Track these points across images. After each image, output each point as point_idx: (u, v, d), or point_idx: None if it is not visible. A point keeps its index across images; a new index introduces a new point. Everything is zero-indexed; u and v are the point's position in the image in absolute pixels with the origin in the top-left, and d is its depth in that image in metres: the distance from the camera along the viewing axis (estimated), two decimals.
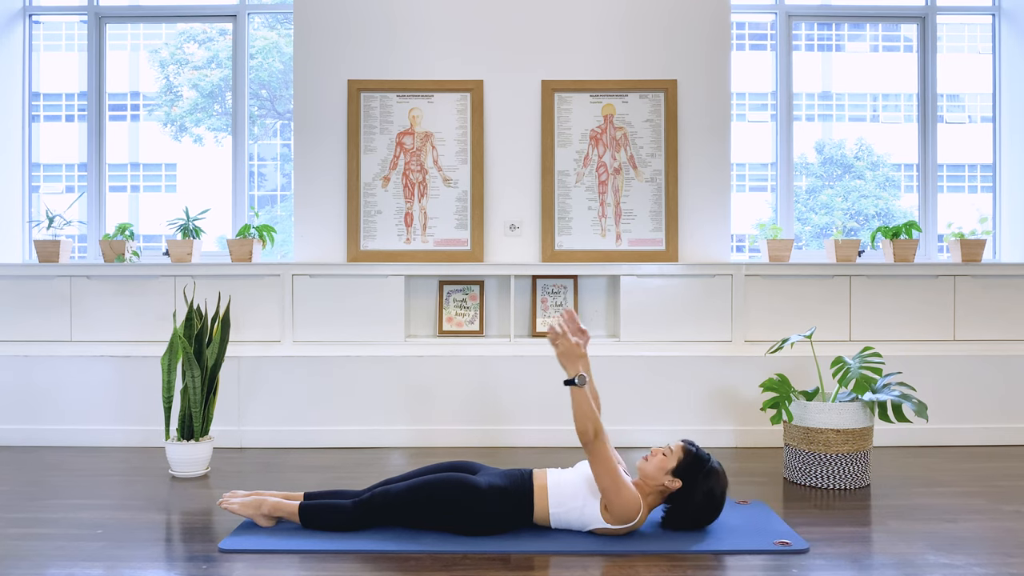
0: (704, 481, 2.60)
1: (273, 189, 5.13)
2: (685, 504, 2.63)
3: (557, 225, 4.39)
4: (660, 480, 2.61)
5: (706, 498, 2.62)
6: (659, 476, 2.61)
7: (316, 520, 2.69)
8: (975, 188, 4.99)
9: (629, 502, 2.55)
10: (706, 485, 2.60)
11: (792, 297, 4.29)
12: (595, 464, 2.55)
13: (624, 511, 2.56)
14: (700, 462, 2.62)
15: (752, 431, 4.08)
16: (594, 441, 2.53)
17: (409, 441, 4.07)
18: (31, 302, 4.26)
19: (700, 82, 4.42)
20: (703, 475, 2.60)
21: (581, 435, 2.54)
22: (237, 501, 2.75)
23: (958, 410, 4.12)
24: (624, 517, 2.57)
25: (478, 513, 2.60)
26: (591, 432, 2.53)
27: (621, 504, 2.55)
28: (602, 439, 2.54)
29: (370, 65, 4.42)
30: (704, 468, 2.61)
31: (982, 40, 4.91)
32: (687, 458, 2.62)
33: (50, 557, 2.49)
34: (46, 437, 4.08)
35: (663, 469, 2.61)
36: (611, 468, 2.53)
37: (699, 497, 2.61)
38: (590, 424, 2.53)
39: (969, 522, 2.84)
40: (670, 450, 2.65)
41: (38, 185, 4.89)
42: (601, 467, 2.54)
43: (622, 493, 2.55)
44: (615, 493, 2.54)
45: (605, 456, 2.53)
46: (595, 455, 2.54)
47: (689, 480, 2.60)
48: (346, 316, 4.23)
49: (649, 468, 2.63)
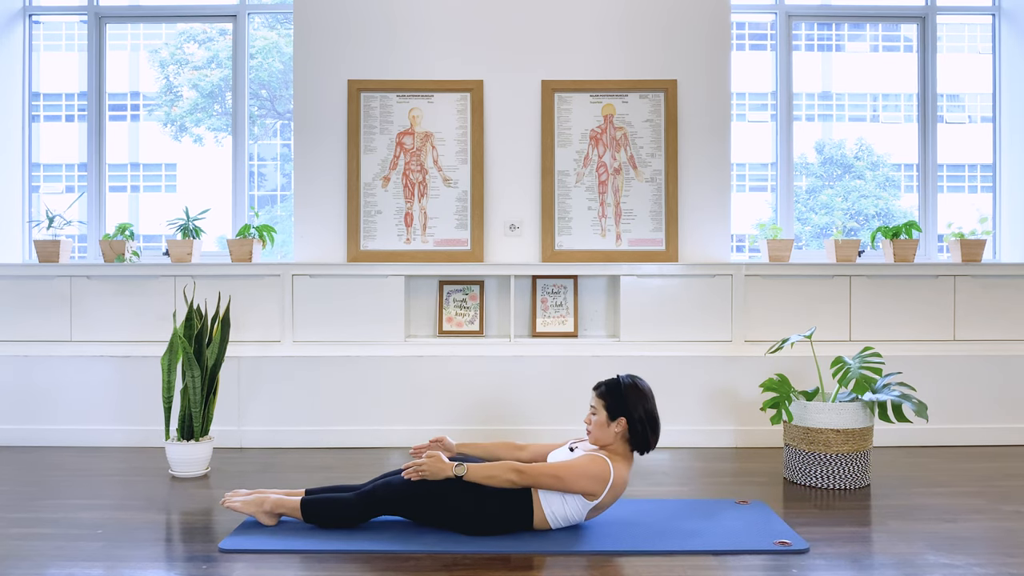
0: (636, 404, 2.65)
1: (273, 189, 5.13)
2: (640, 432, 2.66)
3: (557, 225, 4.39)
4: (609, 434, 2.66)
5: (647, 414, 2.67)
6: (606, 433, 2.67)
7: (318, 514, 2.69)
8: (975, 188, 4.98)
9: (587, 472, 2.57)
10: (640, 406, 2.65)
11: (792, 297, 4.29)
12: (540, 487, 2.59)
13: (592, 482, 2.57)
14: (619, 393, 2.67)
15: (752, 431, 4.08)
16: (522, 480, 2.58)
17: (409, 441, 4.06)
18: (31, 302, 4.26)
19: (700, 82, 4.42)
20: (631, 400, 2.65)
21: (511, 486, 2.59)
22: (239, 500, 2.76)
23: (958, 410, 4.12)
24: (597, 484, 2.58)
25: (479, 511, 2.61)
26: (514, 480, 2.58)
27: (584, 480, 2.57)
28: (525, 472, 2.58)
29: (370, 65, 4.42)
30: (626, 394, 2.66)
31: (982, 40, 4.91)
32: (608, 399, 2.67)
33: (50, 557, 2.49)
34: (46, 437, 4.08)
35: (603, 425, 2.67)
36: (550, 474, 2.57)
37: (643, 417, 2.66)
38: (506, 479, 2.58)
39: (969, 522, 2.84)
40: (592, 408, 2.70)
41: (38, 185, 4.89)
42: (543, 482, 2.58)
43: (574, 474, 2.57)
44: (570, 481, 2.57)
45: (538, 475, 2.57)
46: (533, 484, 2.59)
47: (626, 413, 2.65)
48: (346, 316, 4.23)
49: (595, 435, 2.69)
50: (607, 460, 2.60)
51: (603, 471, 2.58)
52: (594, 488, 2.58)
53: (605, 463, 2.59)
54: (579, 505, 2.62)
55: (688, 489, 3.33)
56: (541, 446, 2.90)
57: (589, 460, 2.60)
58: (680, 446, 4.06)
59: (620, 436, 2.67)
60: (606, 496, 2.61)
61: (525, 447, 2.89)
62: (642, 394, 2.68)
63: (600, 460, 2.60)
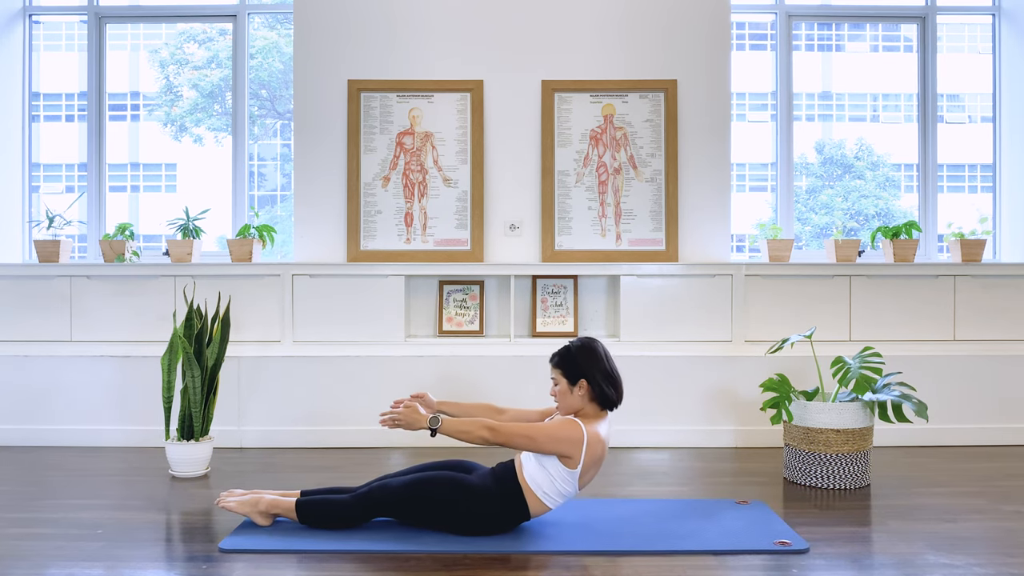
0: (591, 364, 2.67)
1: (273, 189, 5.13)
2: (602, 389, 2.67)
3: (557, 225, 4.39)
4: (575, 399, 2.68)
5: (606, 377, 2.68)
6: (571, 400, 2.69)
7: (313, 516, 2.69)
8: (975, 188, 4.98)
9: (559, 435, 2.58)
10: (595, 365, 2.67)
11: (792, 297, 4.29)
12: (512, 446, 2.61)
13: (565, 444, 2.58)
14: (573, 358, 2.69)
15: (752, 431, 4.08)
16: (494, 438, 2.60)
17: (409, 441, 4.07)
18: (31, 302, 4.26)
19: (700, 82, 4.42)
20: (586, 362, 2.67)
21: (484, 444, 2.62)
22: (234, 500, 2.76)
23: (958, 410, 4.12)
24: (571, 446, 2.58)
25: (475, 514, 2.61)
26: (487, 438, 2.60)
27: (555, 442, 2.58)
28: (498, 430, 2.60)
29: (370, 65, 4.42)
30: (579, 357, 2.68)
31: (982, 40, 4.91)
32: (564, 367, 2.69)
33: (50, 557, 2.49)
34: (46, 437, 4.08)
35: (566, 393, 2.69)
36: (522, 434, 2.59)
37: (602, 378, 2.67)
38: (479, 436, 2.60)
39: (969, 522, 2.84)
40: (553, 380, 2.72)
41: (38, 185, 4.89)
42: (517, 442, 2.60)
43: (546, 435, 2.58)
44: (543, 442, 2.58)
45: (511, 434, 2.59)
46: (505, 443, 2.60)
47: (584, 374, 2.67)
48: (346, 316, 4.23)
49: (563, 405, 2.71)
50: (579, 422, 2.62)
51: (575, 433, 2.59)
52: (569, 450, 2.59)
53: (576, 424, 2.61)
54: (565, 475, 2.61)
55: (688, 489, 3.33)
56: (521, 411, 2.91)
57: (561, 423, 2.62)
58: (680, 446, 4.06)
59: (585, 398, 2.68)
60: (586, 457, 2.60)
61: (505, 411, 2.90)
62: (594, 353, 2.70)
63: (571, 422, 2.62)
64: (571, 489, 2.65)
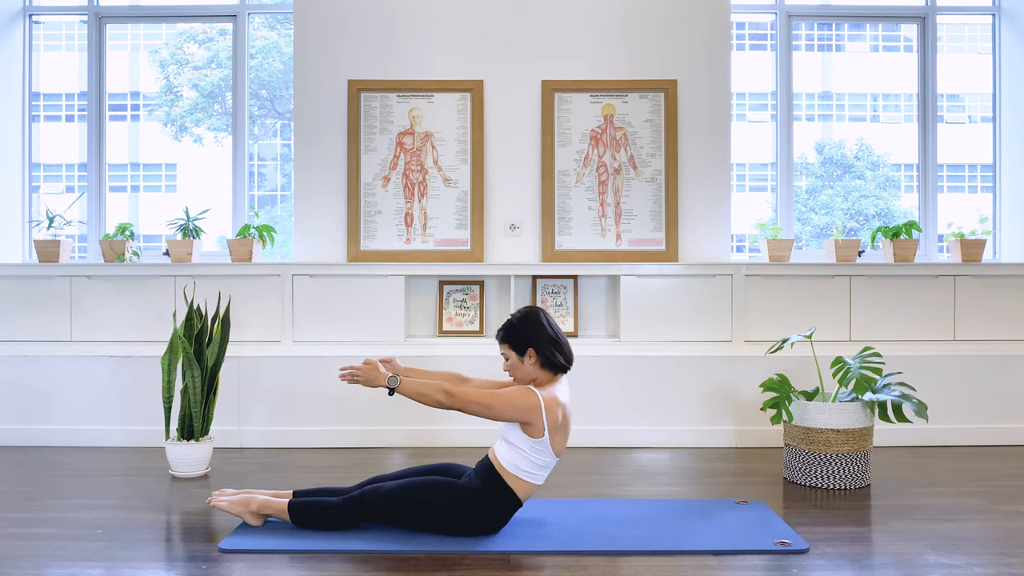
0: (535, 332, 2.69)
1: (273, 189, 5.13)
2: (550, 353, 2.68)
3: (557, 225, 4.39)
4: (527, 369, 2.69)
5: (551, 342, 2.69)
6: (524, 370, 2.70)
7: (305, 517, 2.69)
8: (975, 188, 4.98)
9: (515, 403, 2.59)
10: (542, 336, 2.69)
11: (792, 297, 4.29)
12: (468, 412, 2.62)
13: (521, 411, 2.59)
14: (516, 331, 2.70)
15: (752, 431, 4.08)
16: (450, 402, 2.61)
17: (409, 441, 4.07)
18: (31, 302, 4.26)
19: (700, 82, 4.42)
20: (529, 331, 2.69)
21: (439, 408, 2.63)
22: (226, 499, 2.76)
23: (958, 410, 4.12)
24: (528, 413, 2.59)
25: (467, 514, 2.61)
26: (443, 401, 2.62)
27: (511, 410, 2.59)
28: (455, 395, 2.61)
29: (370, 65, 4.42)
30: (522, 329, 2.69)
31: (982, 40, 4.91)
32: (511, 341, 2.70)
33: (50, 557, 2.49)
34: (46, 437, 4.08)
35: (517, 365, 2.70)
36: (478, 401, 2.60)
37: (548, 343, 2.68)
38: (435, 399, 2.62)
39: (969, 522, 2.84)
40: (503, 355, 2.73)
41: (38, 185, 4.89)
42: (473, 408, 2.61)
43: (502, 402, 2.60)
44: (499, 409, 2.60)
45: (467, 400, 2.61)
46: (462, 408, 2.62)
47: (532, 344, 2.68)
48: (346, 316, 4.23)
49: (518, 378, 2.72)
50: (533, 389, 2.63)
51: (530, 400, 2.60)
52: (527, 417, 2.60)
53: (531, 391, 2.61)
54: (535, 445, 2.62)
55: (688, 489, 3.33)
56: (485, 380, 2.90)
57: (516, 390, 2.63)
58: (680, 446, 4.07)
59: (536, 366, 2.69)
60: (548, 422, 2.61)
61: (470, 380, 2.90)
62: (537, 321, 2.71)
63: (525, 389, 2.63)
64: (547, 458, 2.66)
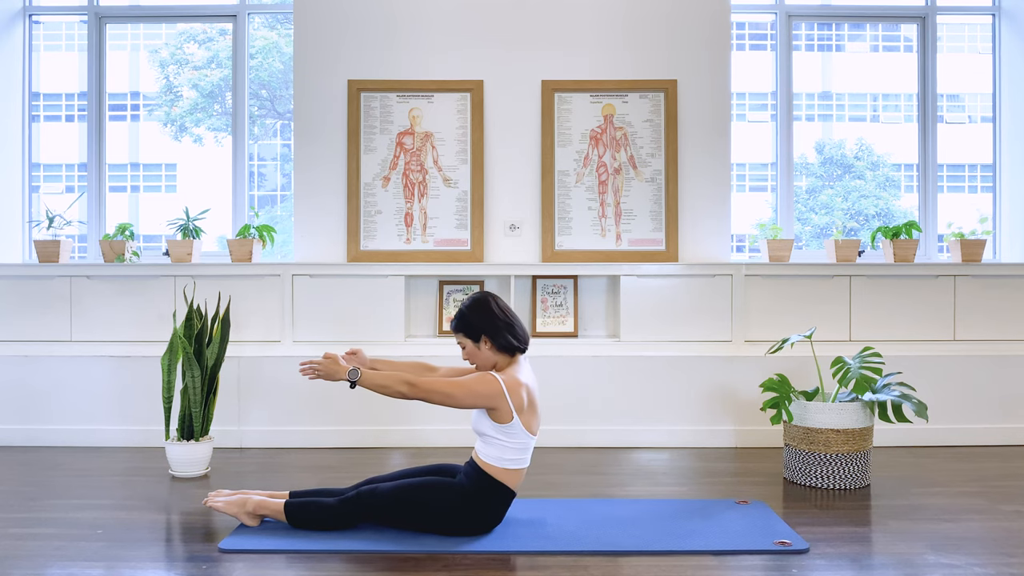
0: (487, 319, 2.69)
1: (273, 189, 5.13)
2: (504, 338, 2.68)
3: (557, 225, 4.39)
4: (485, 355, 2.70)
5: (505, 326, 2.69)
6: (482, 357, 2.71)
7: (301, 518, 2.69)
8: (975, 188, 4.98)
9: (477, 390, 2.59)
10: (494, 321, 2.69)
11: (792, 297, 4.28)
12: (431, 401, 2.61)
13: (484, 398, 2.59)
14: (469, 320, 2.70)
15: (752, 431, 4.08)
16: (413, 392, 2.61)
17: (409, 441, 4.07)
18: (31, 302, 4.26)
19: (700, 82, 4.42)
20: (481, 319, 2.69)
21: (403, 399, 2.63)
22: (222, 500, 2.76)
23: (958, 410, 4.12)
24: (491, 399, 2.59)
25: (463, 513, 2.61)
26: (405, 392, 2.61)
27: (474, 397, 2.59)
28: (417, 385, 2.61)
29: (370, 65, 4.42)
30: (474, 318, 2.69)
31: (982, 40, 4.91)
32: (465, 329, 2.71)
33: (50, 557, 2.49)
34: (46, 437, 4.08)
35: (474, 352, 2.71)
36: (440, 390, 2.60)
37: (502, 327, 2.68)
38: (398, 390, 2.61)
39: (969, 522, 2.84)
40: (460, 345, 2.74)
41: (38, 185, 4.89)
42: (436, 398, 2.61)
43: (464, 391, 2.59)
44: (461, 398, 2.60)
45: (430, 390, 2.61)
46: (425, 398, 2.61)
47: (485, 332, 2.68)
48: (346, 316, 4.23)
49: (478, 364, 2.73)
50: (493, 374, 2.63)
51: (492, 386, 2.59)
52: (492, 403, 2.60)
53: (491, 377, 2.61)
54: (508, 430, 2.62)
55: (688, 489, 3.33)
56: (452, 369, 2.91)
57: (476, 377, 2.63)
58: (680, 446, 4.06)
59: (493, 350, 2.70)
60: (514, 401, 2.60)
61: (436, 369, 2.90)
62: (486, 308, 2.71)
63: (485, 375, 2.63)
64: (524, 439, 2.65)
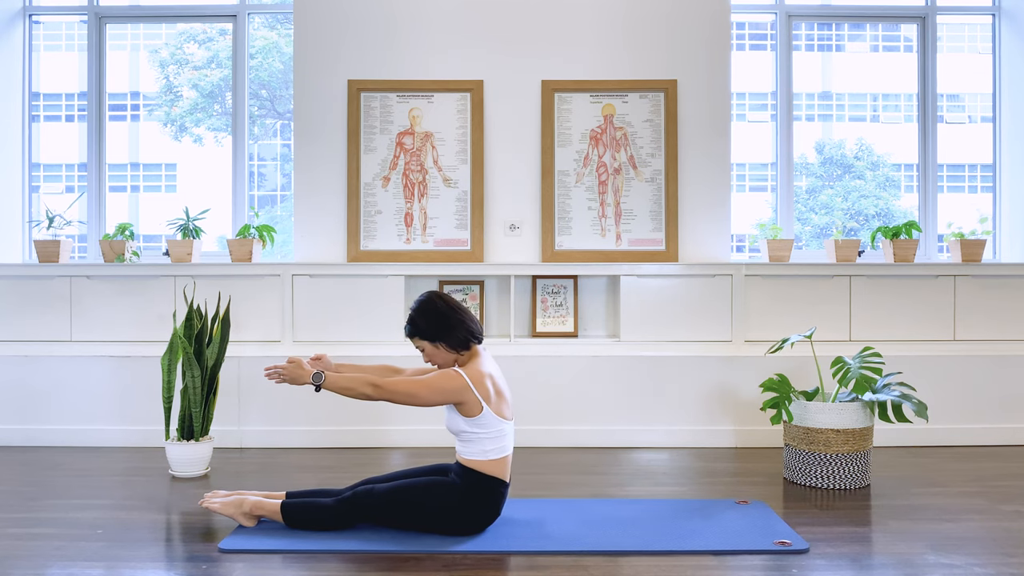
0: (439, 322, 2.69)
1: (273, 189, 5.13)
2: (459, 336, 2.69)
3: (557, 225, 4.39)
4: (443, 354, 2.71)
5: (457, 324, 2.69)
6: (441, 355, 2.71)
7: (298, 518, 2.69)
8: (975, 188, 4.98)
9: (441, 387, 2.60)
10: (443, 322, 2.69)
11: (792, 297, 4.29)
12: (396, 402, 2.62)
13: (450, 394, 2.60)
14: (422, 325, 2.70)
15: (752, 431, 4.08)
16: (377, 394, 2.61)
17: (409, 441, 4.07)
18: (31, 302, 4.26)
19: (700, 82, 4.42)
20: (434, 323, 2.69)
21: (367, 400, 2.64)
22: (218, 500, 2.76)
23: (958, 410, 4.12)
24: (456, 393, 2.60)
25: (460, 512, 2.62)
26: (369, 394, 2.62)
27: (439, 395, 2.60)
28: (381, 386, 2.61)
29: (370, 65, 4.42)
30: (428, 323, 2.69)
31: (982, 40, 4.91)
32: (421, 334, 2.70)
33: (50, 557, 2.49)
34: (46, 437, 4.08)
35: (434, 353, 2.71)
36: (405, 391, 2.61)
37: (454, 326, 2.69)
38: (362, 392, 2.62)
39: (969, 522, 2.84)
40: (418, 348, 2.74)
41: (38, 185, 4.89)
42: (400, 399, 2.61)
43: (428, 389, 2.60)
44: (425, 397, 2.60)
45: (394, 391, 2.61)
46: (389, 399, 2.62)
47: (439, 333, 2.69)
48: (346, 316, 4.23)
49: (438, 363, 2.73)
50: (455, 370, 2.64)
51: (456, 382, 2.60)
52: (459, 398, 2.60)
53: (454, 373, 2.62)
54: (481, 422, 2.63)
55: (688, 489, 3.33)
56: (419, 369, 2.91)
57: (439, 374, 2.64)
58: (680, 446, 4.07)
59: (449, 348, 2.71)
60: (480, 392, 2.61)
61: (402, 371, 2.90)
62: (434, 310, 2.71)
63: (448, 372, 2.63)
64: (498, 425, 2.66)
